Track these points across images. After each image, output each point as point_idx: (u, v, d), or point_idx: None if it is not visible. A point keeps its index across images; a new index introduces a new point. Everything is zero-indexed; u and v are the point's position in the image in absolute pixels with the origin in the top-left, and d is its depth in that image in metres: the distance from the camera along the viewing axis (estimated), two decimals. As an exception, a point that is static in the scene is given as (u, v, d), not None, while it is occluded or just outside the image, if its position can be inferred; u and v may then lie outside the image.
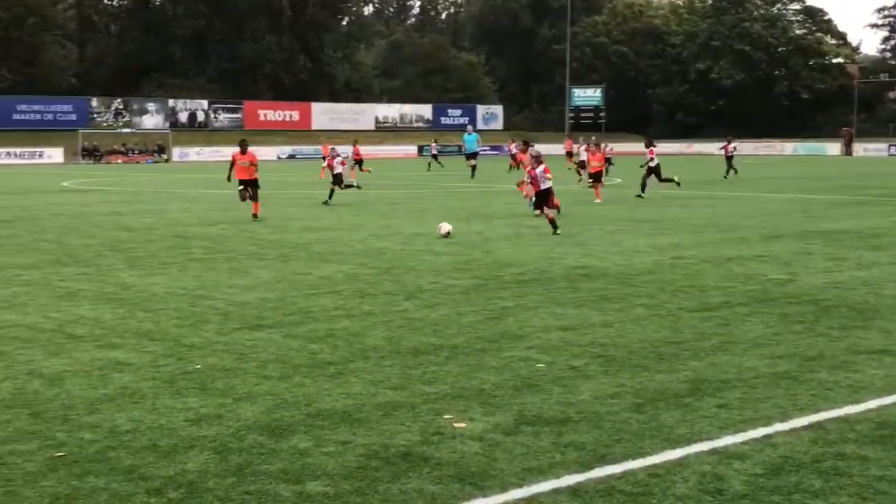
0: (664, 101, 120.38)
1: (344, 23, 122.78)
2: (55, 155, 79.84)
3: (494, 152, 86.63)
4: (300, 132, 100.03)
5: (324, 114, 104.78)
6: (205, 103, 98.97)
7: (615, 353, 9.27)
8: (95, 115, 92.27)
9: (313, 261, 16.29)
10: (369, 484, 5.85)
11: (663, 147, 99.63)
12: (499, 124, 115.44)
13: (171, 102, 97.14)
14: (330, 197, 29.79)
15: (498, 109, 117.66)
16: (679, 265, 15.46)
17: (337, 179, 30.43)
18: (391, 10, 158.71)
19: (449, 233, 19.61)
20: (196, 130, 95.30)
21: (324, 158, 30.42)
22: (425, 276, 14.33)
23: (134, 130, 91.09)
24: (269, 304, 12.02)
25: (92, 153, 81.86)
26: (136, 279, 14.24)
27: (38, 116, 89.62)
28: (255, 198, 24.47)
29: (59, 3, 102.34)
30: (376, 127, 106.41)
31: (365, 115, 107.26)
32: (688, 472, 6.06)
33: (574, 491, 5.75)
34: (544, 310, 11.53)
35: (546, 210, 20.64)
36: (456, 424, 7.00)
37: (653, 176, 31.88)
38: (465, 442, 6.62)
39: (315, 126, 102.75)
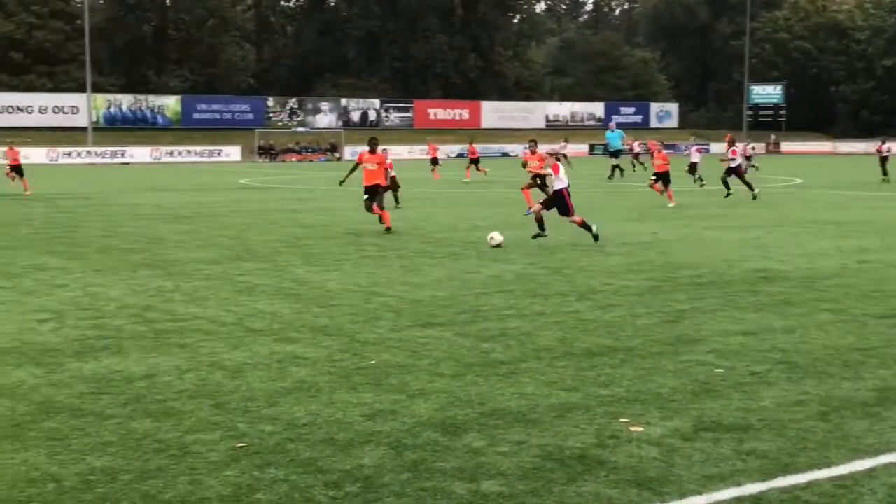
0: (848, 99, 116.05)
1: (515, 21, 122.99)
2: (233, 153, 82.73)
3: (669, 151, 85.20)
4: (470, 131, 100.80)
5: (493, 112, 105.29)
6: (377, 102, 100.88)
7: (798, 359, 8.99)
8: (271, 115, 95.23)
9: (483, 259, 16.37)
10: (544, 485, 5.84)
11: (849, 147, 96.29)
12: (673, 122, 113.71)
13: (343, 102, 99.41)
14: (397, 201, 27.75)
15: (672, 107, 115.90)
16: (865, 269, 14.90)
17: (394, 183, 27.55)
18: (563, 7, 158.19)
19: (500, 244, 17.79)
20: (367, 129, 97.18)
21: (464, 156, 28.04)
22: (598, 277, 14.21)
23: (308, 129, 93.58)
24: (440, 302, 12.13)
25: (268, 151, 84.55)
26: (311, 275, 14.60)
27: (218, 116, 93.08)
28: (381, 205, 21.53)
29: (238, 4, 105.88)
30: (546, 125, 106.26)
31: (535, 113, 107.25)
32: (876, 483, 5.83)
33: (756, 500, 5.60)
34: (722, 313, 11.28)
35: (571, 218, 18.67)
36: (632, 428, 6.92)
37: (733, 175, 31.09)
38: (642, 446, 6.54)
39: (485, 125, 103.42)
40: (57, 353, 9.35)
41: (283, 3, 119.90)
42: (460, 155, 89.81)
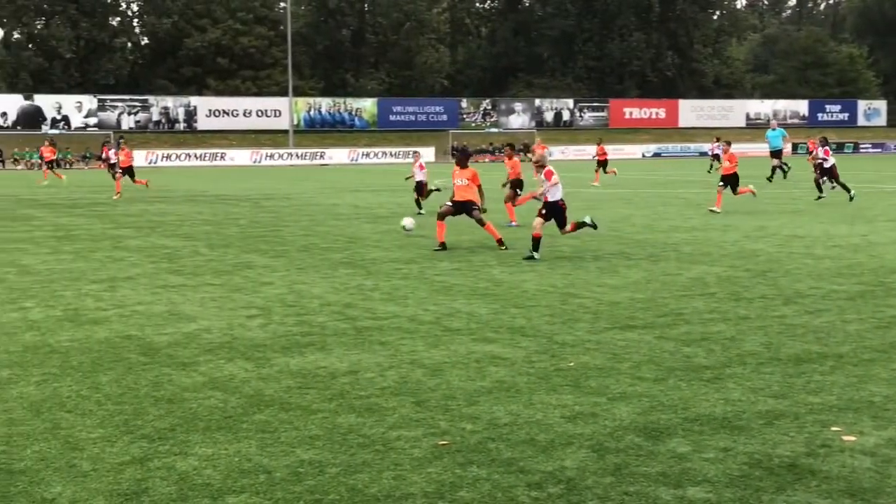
0: None
1: (715, 17, 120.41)
2: (427, 154, 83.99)
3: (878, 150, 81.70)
4: (666, 130, 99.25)
5: (691, 111, 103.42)
6: (570, 102, 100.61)
7: None
8: (465, 116, 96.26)
9: (683, 262, 16.09)
10: (752, 493, 5.69)
11: None
12: (882, 120, 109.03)
13: (537, 102, 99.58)
14: (419, 206, 27.46)
15: (881, 105, 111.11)
16: None
17: (418, 188, 27.60)
18: (765, 2, 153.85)
19: (407, 227, 20.36)
20: (561, 129, 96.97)
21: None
22: (804, 281, 13.76)
23: (501, 130, 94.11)
24: (639, 305, 11.99)
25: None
26: (507, 276, 14.68)
27: (412, 117, 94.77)
28: (481, 220, 18.47)
29: (434, 7, 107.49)
30: (747, 124, 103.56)
31: (735, 111, 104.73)
32: None
33: (984, 520, 5.31)
34: (941, 320, 10.73)
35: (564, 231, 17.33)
36: (845, 437, 6.66)
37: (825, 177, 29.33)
38: (855, 456, 6.29)
39: (682, 124, 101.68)
40: (265, 348, 9.71)
41: (477, 4, 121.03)
42: (657, 155, 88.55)
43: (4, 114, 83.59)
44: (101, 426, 7.09)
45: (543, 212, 16.95)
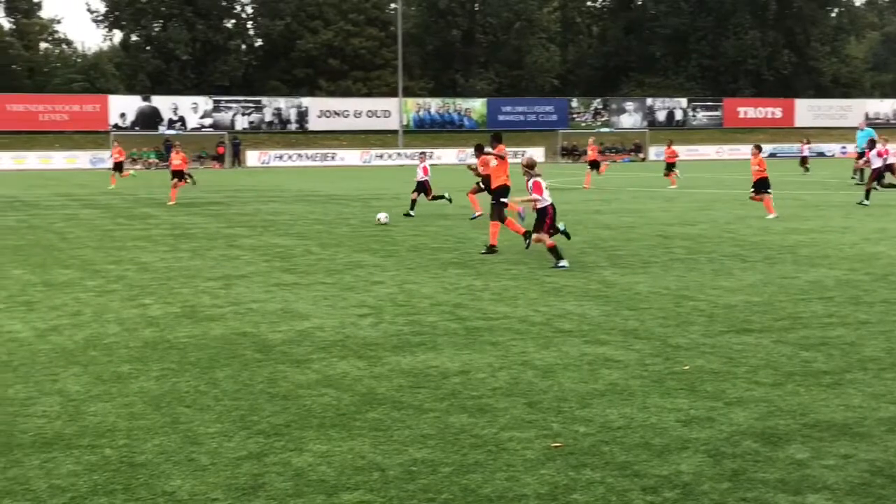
0: None
1: (833, 14, 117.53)
2: (536, 154, 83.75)
3: None
4: (782, 130, 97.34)
5: (808, 110, 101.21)
6: (683, 101, 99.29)
7: None
8: (575, 116, 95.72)
9: (800, 264, 15.76)
10: (874, 501, 5.55)
11: None
12: None
13: (649, 101, 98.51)
14: (411, 207, 27.55)
15: None
16: None
17: (420, 188, 27.56)
18: (885, 0, 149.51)
19: (382, 221, 22.48)
20: (673, 129, 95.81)
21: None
22: (929, 285, 13.36)
23: (612, 130, 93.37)
24: (755, 308, 11.79)
25: (570, 152, 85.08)
26: (618, 277, 14.56)
27: (522, 117, 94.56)
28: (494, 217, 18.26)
29: (544, 6, 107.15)
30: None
31: (853, 111, 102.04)
32: None
33: None
34: None
35: (538, 235, 16.14)
36: (974, 449, 6.45)
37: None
38: (985, 469, 6.09)
39: (798, 123, 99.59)
40: (377, 346, 9.81)
41: (588, 3, 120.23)
42: (772, 155, 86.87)
43: (123, 114, 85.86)
44: (218, 421, 7.25)
45: (541, 221, 16.09)
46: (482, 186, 24.15)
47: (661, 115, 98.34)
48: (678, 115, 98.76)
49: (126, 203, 33.85)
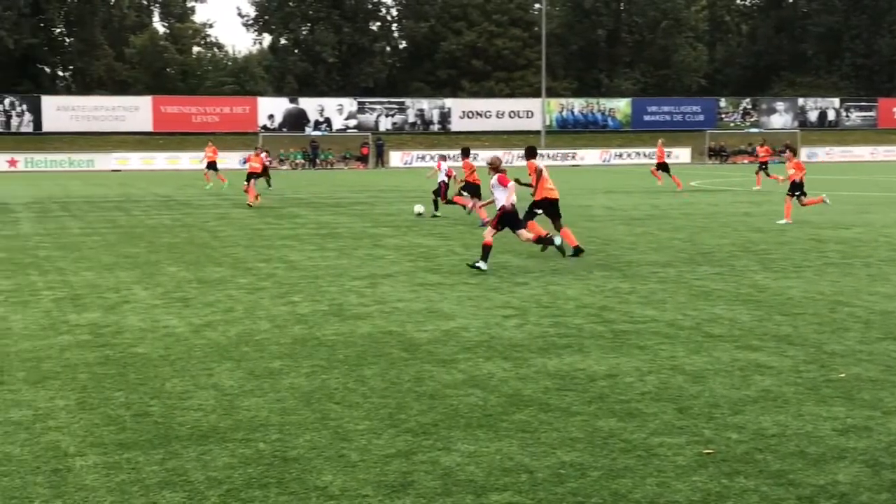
0: None
1: None
2: (682, 155, 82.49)
3: None
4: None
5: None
6: (836, 101, 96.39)
7: None
8: (723, 116, 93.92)
9: (964, 270, 15.13)
10: None
11: None
12: None
13: (800, 101, 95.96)
14: (435, 208, 27.95)
15: None
16: None
17: (439, 191, 27.74)
18: None
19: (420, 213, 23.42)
20: (825, 130, 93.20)
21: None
22: None
23: (761, 130, 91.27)
24: (916, 315, 11.37)
25: (718, 153, 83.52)
26: (770, 281, 14.23)
27: (668, 117, 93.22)
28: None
29: (692, 5, 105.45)
30: None
31: None
32: None
33: None
34: None
35: (523, 232, 16.46)
36: None
37: None
38: None
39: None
40: (522, 348, 9.81)
41: (738, 1, 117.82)
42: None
43: (271, 116, 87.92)
44: (367, 418, 7.36)
45: (496, 221, 16.14)
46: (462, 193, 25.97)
47: (812, 115, 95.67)
48: (830, 116, 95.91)
49: (274, 202, 34.64)
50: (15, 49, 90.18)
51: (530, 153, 19.17)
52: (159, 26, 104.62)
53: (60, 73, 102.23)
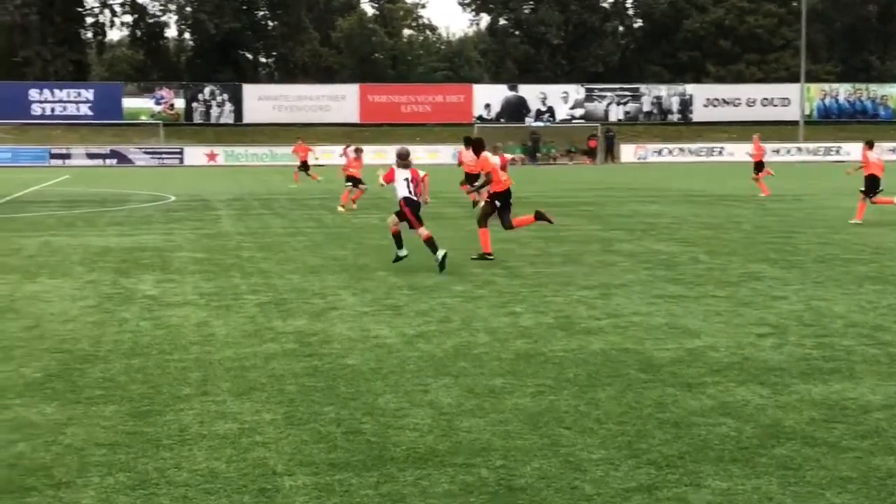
0: None
1: None
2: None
3: None
4: None
5: None
6: None
7: None
8: None
9: None
10: None
11: None
12: None
13: None
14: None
15: None
16: None
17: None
18: None
19: None
20: None
21: None
22: None
23: None
24: None
25: None
26: None
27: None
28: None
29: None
30: None
31: None
32: None
33: None
34: None
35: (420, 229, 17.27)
36: None
37: None
38: None
39: None
40: (781, 372, 9.56)
41: None
42: None
43: (488, 105, 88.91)
44: (602, 447, 7.32)
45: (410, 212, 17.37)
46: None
47: None
48: None
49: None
50: (216, 34, 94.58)
51: (478, 145, 19.79)
52: (368, 7, 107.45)
53: (262, 60, 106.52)
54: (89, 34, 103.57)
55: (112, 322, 12.37)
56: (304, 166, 44.86)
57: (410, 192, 17.37)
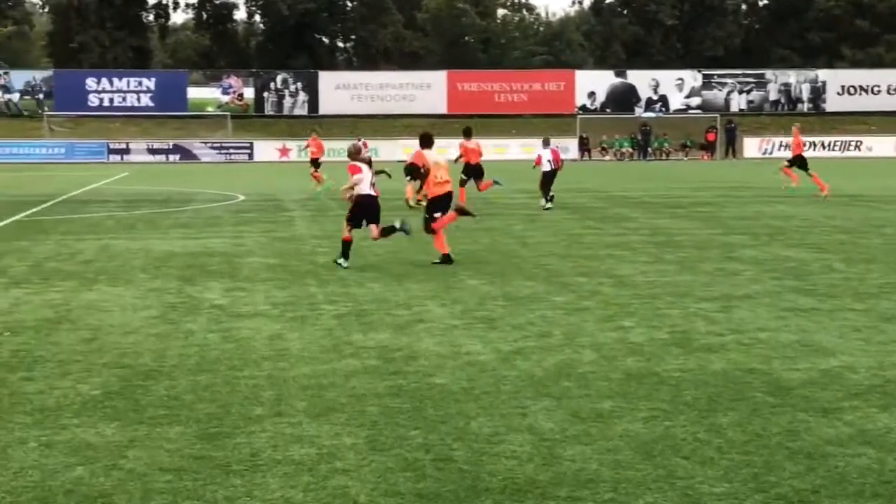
0: None
1: None
2: None
3: None
4: None
5: None
6: None
7: None
8: None
9: None
10: None
11: None
12: None
13: None
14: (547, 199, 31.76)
15: None
16: None
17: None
18: None
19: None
20: None
21: None
22: None
23: None
24: None
25: None
26: None
27: None
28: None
29: None
30: None
31: None
32: None
33: None
34: None
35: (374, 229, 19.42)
36: None
37: None
38: None
39: None
40: (930, 396, 9.41)
41: None
42: None
43: (592, 94, 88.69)
44: (725, 479, 7.26)
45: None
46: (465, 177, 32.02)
47: None
48: None
49: (597, 202, 34.91)
50: (289, 16, 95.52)
51: (424, 140, 20.72)
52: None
53: (340, 45, 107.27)
54: (151, 17, 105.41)
55: (177, 334, 12.54)
56: (315, 163, 43.73)
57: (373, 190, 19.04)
